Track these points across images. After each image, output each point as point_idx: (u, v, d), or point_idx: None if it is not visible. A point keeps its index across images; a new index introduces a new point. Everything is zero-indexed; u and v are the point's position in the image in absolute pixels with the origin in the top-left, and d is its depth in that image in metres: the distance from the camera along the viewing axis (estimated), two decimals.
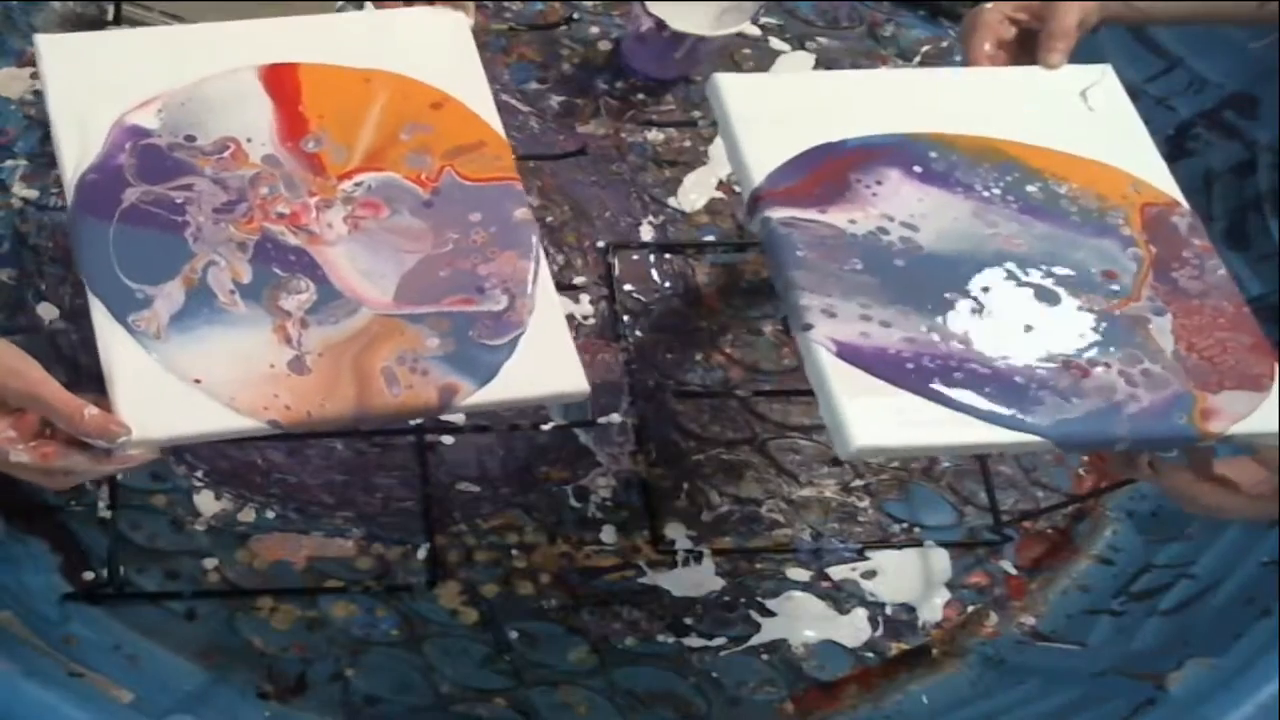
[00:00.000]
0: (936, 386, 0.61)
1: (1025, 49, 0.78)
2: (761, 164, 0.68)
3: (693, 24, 0.97)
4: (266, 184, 0.68)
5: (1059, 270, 0.68)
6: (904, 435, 0.59)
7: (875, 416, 0.59)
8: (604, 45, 1.04)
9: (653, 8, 0.96)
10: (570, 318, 0.93)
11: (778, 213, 0.66)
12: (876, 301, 0.64)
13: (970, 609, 0.89)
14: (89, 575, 0.80)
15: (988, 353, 0.63)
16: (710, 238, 0.98)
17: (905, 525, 0.91)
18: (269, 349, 0.61)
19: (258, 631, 0.81)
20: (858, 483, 0.92)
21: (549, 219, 0.97)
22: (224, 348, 0.61)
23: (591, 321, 0.93)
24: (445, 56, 0.73)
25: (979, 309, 0.65)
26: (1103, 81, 0.77)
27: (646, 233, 0.98)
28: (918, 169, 0.70)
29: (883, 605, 0.88)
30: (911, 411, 0.60)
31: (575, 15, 1.05)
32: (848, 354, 0.61)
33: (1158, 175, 0.74)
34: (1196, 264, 0.70)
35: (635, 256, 0.97)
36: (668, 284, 0.96)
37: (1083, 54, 0.78)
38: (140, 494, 0.83)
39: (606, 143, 1.00)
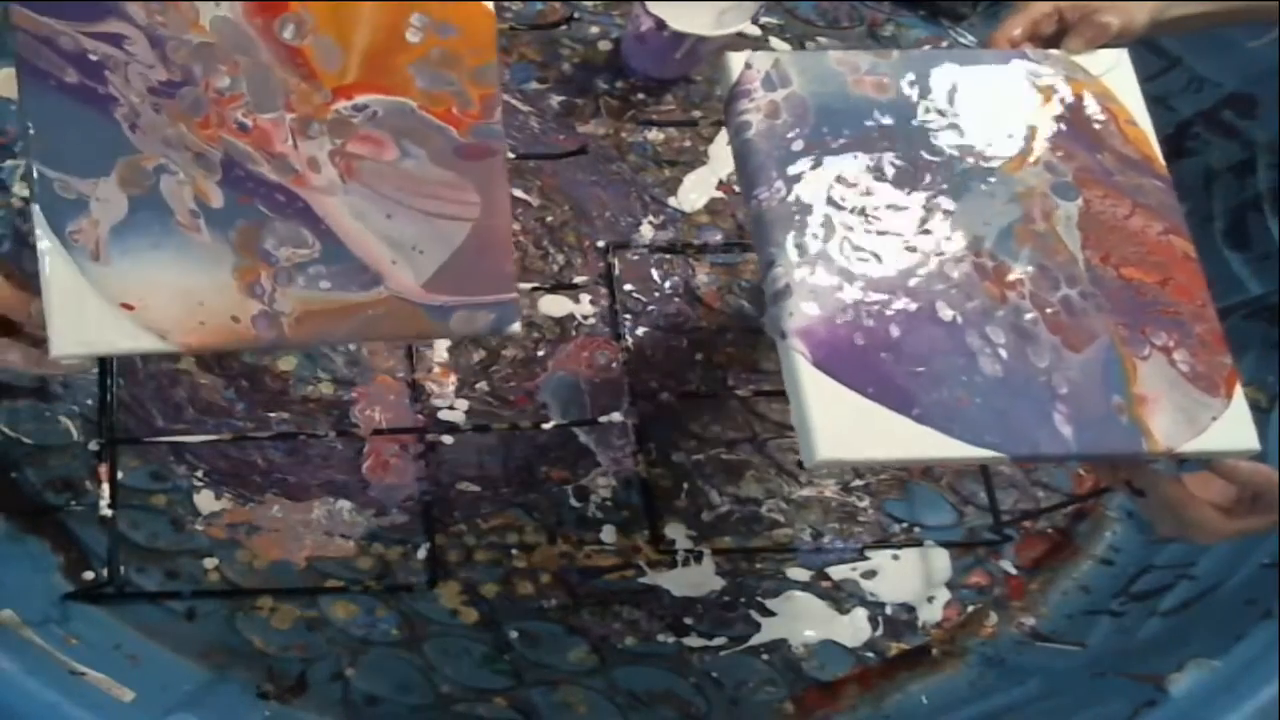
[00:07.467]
0: (894, 377, 0.61)
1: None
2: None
3: (693, 24, 0.97)
4: (226, 72, 0.51)
5: (955, 112, 0.65)
6: (862, 449, 0.60)
7: (839, 429, 0.60)
8: (604, 45, 1.04)
9: (653, 8, 0.95)
10: (570, 318, 0.93)
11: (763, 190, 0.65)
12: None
13: (970, 609, 0.89)
14: (89, 575, 0.80)
15: (915, 273, 0.62)
16: (710, 238, 0.98)
17: (905, 525, 0.91)
18: (227, 296, 0.51)
19: (258, 631, 0.81)
20: (858, 483, 0.92)
21: (549, 219, 0.97)
22: (171, 280, 0.52)
23: (591, 321, 0.93)
24: None
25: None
26: (1118, 67, 0.72)
27: (646, 233, 0.98)
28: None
29: (883, 605, 0.88)
30: (873, 425, 0.60)
31: (576, 15, 1.05)
32: (821, 355, 0.61)
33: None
34: (1126, 154, 0.63)
35: (635, 256, 0.97)
36: (668, 284, 0.96)
37: None
38: (140, 494, 0.83)
39: (606, 143, 1.00)
